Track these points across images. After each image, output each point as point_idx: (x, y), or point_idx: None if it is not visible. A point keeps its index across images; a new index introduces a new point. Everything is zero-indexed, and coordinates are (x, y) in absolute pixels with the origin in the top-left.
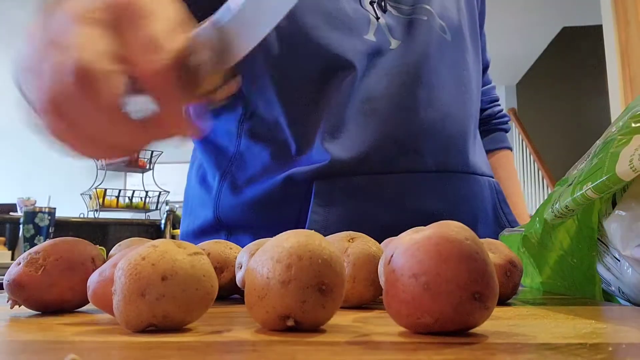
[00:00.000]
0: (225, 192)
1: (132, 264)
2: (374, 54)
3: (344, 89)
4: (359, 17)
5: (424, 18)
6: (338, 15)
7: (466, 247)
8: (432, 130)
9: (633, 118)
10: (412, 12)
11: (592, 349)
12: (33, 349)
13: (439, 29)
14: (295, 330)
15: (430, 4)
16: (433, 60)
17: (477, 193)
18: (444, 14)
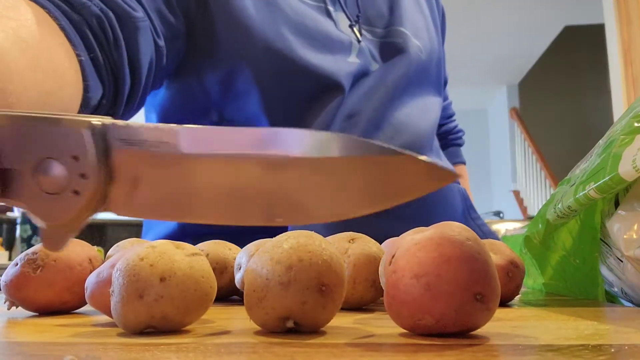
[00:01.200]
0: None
1: (130, 265)
2: (359, 76)
3: (330, 108)
4: (342, 40)
5: (400, 40)
6: (321, 37)
7: (467, 247)
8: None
9: (636, 117)
10: (386, 35)
11: (595, 350)
12: (30, 351)
13: (416, 50)
14: (295, 332)
15: (403, 25)
16: (408, 82)
17: (448, 199)
18: (418, 33)
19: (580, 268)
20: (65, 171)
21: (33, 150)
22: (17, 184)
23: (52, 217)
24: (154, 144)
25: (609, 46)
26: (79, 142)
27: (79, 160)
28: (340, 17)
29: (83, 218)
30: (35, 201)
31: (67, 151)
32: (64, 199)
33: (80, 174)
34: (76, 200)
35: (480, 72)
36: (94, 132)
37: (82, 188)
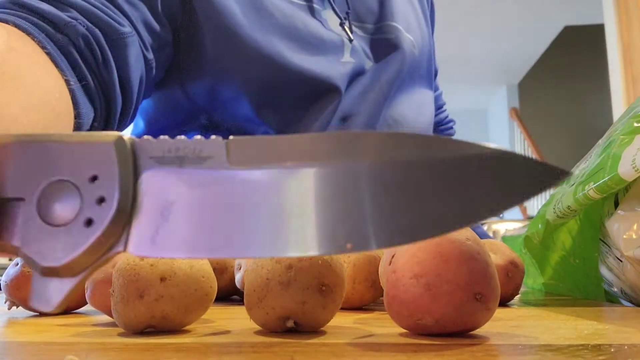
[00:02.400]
0: None
1: (131, 265)
2: (354, 75)
3: (328, 110)
4: (333, 40)
5: (392, 36)
6: (313, 40)
7: (467, 247)
8: None
9: (635, 118)
10: (377, 31)
11: (594, 350)
12: (31, 351)
13: (409, 45)
14: (295, 332)
15: (394, 20)
16: (403, 79)
17: None
18: (410, 27)
19: (579, 268)
20: (78, 196)
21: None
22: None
23: (53, 257)
24: (194, 160)
25: (609, 46)
26: (100, 159)
27: (97, 182)
28: (330, 15)
29: (92, 260)
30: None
31: (84, 171)
32: (72, 231)
33: (98, 198)
34: (89, 233)
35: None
36: (120, 148)
37: (98, 217)
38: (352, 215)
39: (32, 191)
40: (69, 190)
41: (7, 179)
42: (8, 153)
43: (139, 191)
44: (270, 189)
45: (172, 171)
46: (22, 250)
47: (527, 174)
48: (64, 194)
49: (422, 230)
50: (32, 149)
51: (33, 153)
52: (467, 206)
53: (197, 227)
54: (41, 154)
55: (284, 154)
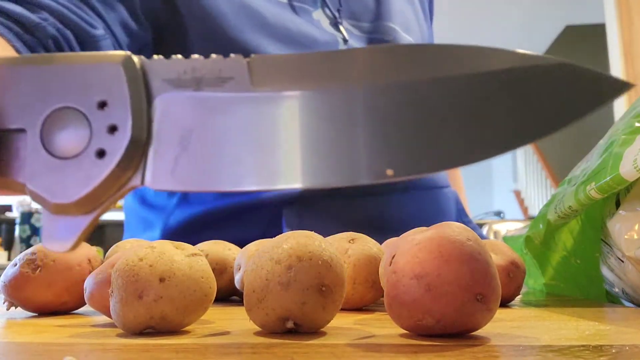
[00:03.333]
0: (177, 211)
1: (130, 265)
2: None
3: None
4: (327, 41)
5: (390, 39)
6: (306, 41)
7: (468, 248)
8: None
9: (637, 117)
10: (374, 31)
11: (596, 350)
12: (29, 351)
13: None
14: (294, 333)
15: (392, 20)
16: None
17: (444, 206)
18: (408, 26)
19: (581, 268)
20: (86, 124)
21: (42, 100)
22: (17, 150)
23: (63, 193)
24: (213, 82)
25: (610, 46)
26: (108, 83)
27: (107, 108)
28: (322, 14)
29: (107, 195)
30: (42, 171)
31: (92, 96)
32: (83, 164)
33: (109, 126)
34: (101, 166)
35: None
36: (129, 69)
37: (111, 147)
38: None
39: (33, 121)
40: (76, 118)
41: (3, 108)
42: (4, 79)
43: (153, 118)
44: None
45: (189, 95)
46: (29, 186)
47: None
48: (71, 122)
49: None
50: (30, 73)
51: (31, 78)
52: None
53: (221, 157)
54: (41, 78)
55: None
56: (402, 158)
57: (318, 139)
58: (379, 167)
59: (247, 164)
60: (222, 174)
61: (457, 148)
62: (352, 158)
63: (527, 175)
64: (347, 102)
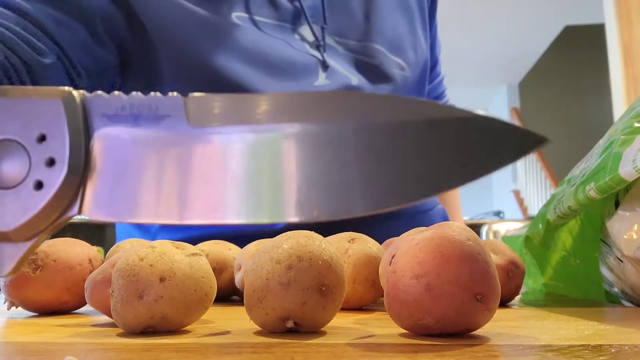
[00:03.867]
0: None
1: (130, 265)
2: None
3: None
4: (307, 63)
5: (376, 62)
6: (282, 64)
7: (468, 247)
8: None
9: (636, 118)
10: (360, 52)
11: (595, 350)
12: (30, 351)
13: (398, 71)
14: (295, 332)
15: (379, 41)
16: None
17: (432, 220)
18: (398, 45)
19: (580, 268)
20: (25, 156)
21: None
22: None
23: (2, 221)
24: (150, 118)
25: (610, 46)
26: (48, 118)
27: (46, 142)
28: (306, 32)
29: (44, 225)
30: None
31: (32, 129)
32: (21, 195)
33: (47, 159)
34: (38, 196)
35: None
36: (69, 105)
37: (49, 179)
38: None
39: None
40: (16, 150)
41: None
42: None
43: (91, 151)
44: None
45: (126, 130)
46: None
47: (508, 139)
48: (10, 154)
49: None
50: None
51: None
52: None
53: (155, 191)
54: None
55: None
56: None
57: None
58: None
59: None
60: (156, 206)
61: (369, 194)
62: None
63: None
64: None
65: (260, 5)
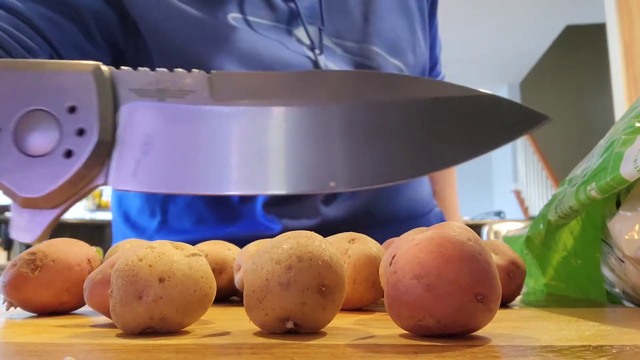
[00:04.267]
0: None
1: (129, 266)
2: None
3: None
4: (303, 65)
5: (374, 65)
6: (277, 66)
7: (468, 248)
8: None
9: (637, 117)
10: (358, 53)
11: (596, 351)
12: (29, 351)
13: (394, 70)
14: (294, 333)
15: (377, 43)
16: None
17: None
18: (397, 47)
19: (581, 268)
20: (57, 126)
21: (17, 101)
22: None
23: (32, 188)
24: (176, 93)
25: (610, 46)
26: (78, 90)
27: (76, 113)
28: (302, 34)
29: (73, 191)
30: (13, 167)
31: (62, 101)
32: (52, 163)
33: (77, 129)
34: (68, 164)
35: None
36: (99, 78)
37: (78, 148)
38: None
39: (7, 120)
40: (47, 120)
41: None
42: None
43: (118, 123)
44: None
45: (152, 104)
46: (0, 181)
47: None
48: (42, 124)
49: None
50: (5, 77)
51: (7, 81)
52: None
53: (178, 163)
54: (16, 82)
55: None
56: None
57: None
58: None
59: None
60: (179, 178)
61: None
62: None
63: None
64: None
65: (256, 6)
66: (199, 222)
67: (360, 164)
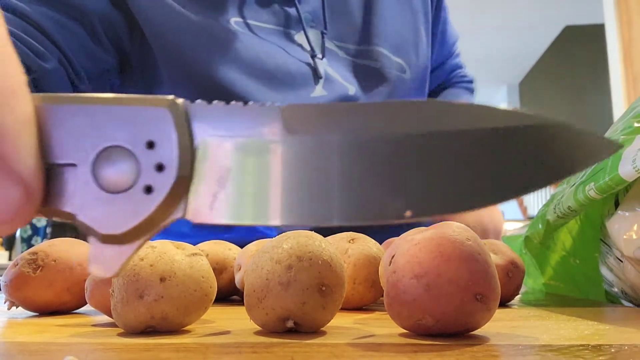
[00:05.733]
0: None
1: (131, 265)
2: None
3: None
4: (303, 73)
5: (377, 65)
6: (280, 73)
7: (468, 247)
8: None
9: (636, 118)
10: (360, 55)
11: (595, 350)
12: (30, 351)
13: (398, 72)
14: (295, 332)
15: (380, 43)
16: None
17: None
18: (400, 46)
19: (580, 268)
20: (135, 162)
21: (95, 138)
22: (67, 183)
23: (112, 224)
24: (249, 126)
25: (609, 46)
26: (156, 125)
27: (154, 148)
28: (303, 40)
29: (152, 226)
30: (92, 204)
31: (140, 137)
32: (131, 199)
33: (156, 165)
34: (148, 200)
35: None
36: (175, 112)
37: (158, 184)
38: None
39: (85, 157)
40: (125, 156)
41: (56, 144)
42: (57, 116)
43: (195, 157)
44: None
45: (227, 137)
46: (79, 217)
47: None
48: (120, 160)
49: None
50: (81, 112)
51: (83, 116)
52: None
53: (255, 195)
54: (93, 117)
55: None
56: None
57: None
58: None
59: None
60: (256, 210)
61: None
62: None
63: None
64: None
65: (257, 10)
66: (198, 227)
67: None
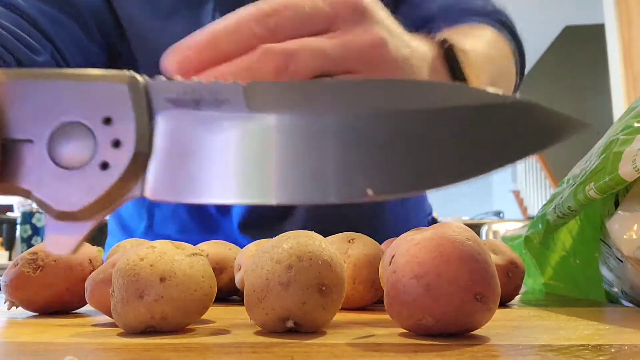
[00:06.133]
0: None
1: (130, 265)
2: None
3: None
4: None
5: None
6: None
7: (467, 247)
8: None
9: (636, 117)
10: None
11: (595, 350)
12: (30, 351)
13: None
14: (295, 332)
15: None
16: None
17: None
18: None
19: (580, 268)
20: (92, 138)
21: (50, 113)
22: (23, 159)
23: (68, 201)
24: (212, 103)
25: (609, 46)
26: (114, 101)
27: (111, 124)
28: None
29: (109, 203)
30: (48, 180)
31: (97, 112)
32: (87, 175)
33: (113, 141)
34: (104, 177)
35: None
36: (134, 89)
37: (114, 160)
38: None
39: (41, 133)
40: (82, 132)
41: (12, 119)
42: (14, 91)
43: (154, 133)
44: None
45: (188, 113)
46: (34, 194)
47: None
48: (77, 136)
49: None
50: (39, 87)
51: (40, 91)
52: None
53: (216, 172)
54: (50, 93)
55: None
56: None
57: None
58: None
59: (238, 178)
60: (216, 187)
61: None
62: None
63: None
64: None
65: None
66: (182, 231)
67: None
